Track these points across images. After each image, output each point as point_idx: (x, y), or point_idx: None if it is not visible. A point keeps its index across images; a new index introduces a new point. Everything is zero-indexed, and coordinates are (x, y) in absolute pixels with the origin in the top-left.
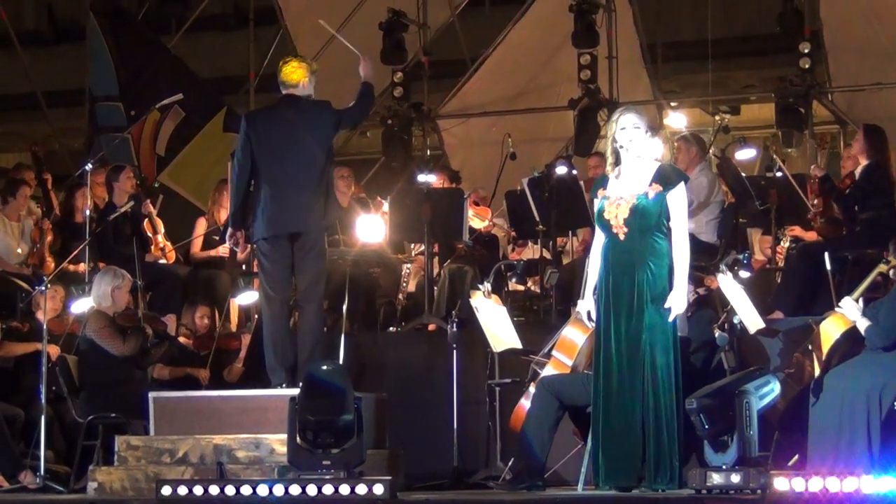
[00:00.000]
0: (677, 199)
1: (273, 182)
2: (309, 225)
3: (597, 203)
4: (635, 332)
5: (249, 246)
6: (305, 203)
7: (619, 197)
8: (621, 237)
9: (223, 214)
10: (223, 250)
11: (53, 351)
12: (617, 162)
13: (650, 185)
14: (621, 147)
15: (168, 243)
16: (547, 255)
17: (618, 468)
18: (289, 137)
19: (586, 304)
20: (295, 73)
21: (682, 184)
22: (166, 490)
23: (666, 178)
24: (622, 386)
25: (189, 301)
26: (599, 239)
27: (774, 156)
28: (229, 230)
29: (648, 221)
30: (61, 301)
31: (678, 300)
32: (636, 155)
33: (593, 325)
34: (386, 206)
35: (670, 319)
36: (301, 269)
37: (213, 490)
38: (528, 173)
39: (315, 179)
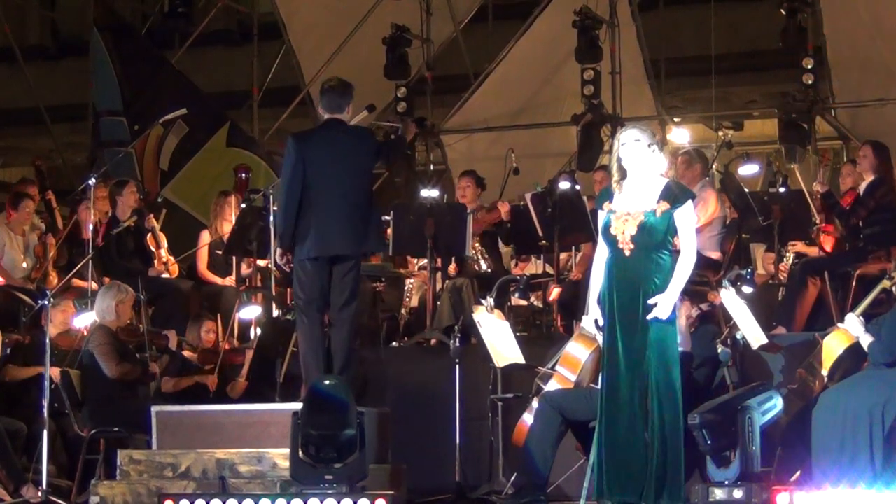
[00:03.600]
0: (685, 216)
1: (320, 203)
2: (350, 248)
3: (602, 216)
4: (639, 349)
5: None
6: (350, 226)
7: (626, 213)
8: (626, 253)
9: (226, 227)
10: (230, 281)
11: (53, 373)
12: (623, 177)
13: (658, 202)
14: (622, 162)
15: (171, 258)
16: (550, 270)
17: (620, 483)
18: (337, 160)
19: (591, 318)
20: (339, 95)
21: (690, 202)
22: None
23: (674, 195)
24: (626, 401)
25: (195, 316)
26: (602, 252)
27: (776, 172)
28: (279, 251)
29: (655, 239)
30: (70, 316)
31: (664, 303)
32: (638, 169)
33: (600, 334)
34: None
35: (649, 318)
36: (338, 289)
37: None
38: (531, 188)
39: (360, 202)
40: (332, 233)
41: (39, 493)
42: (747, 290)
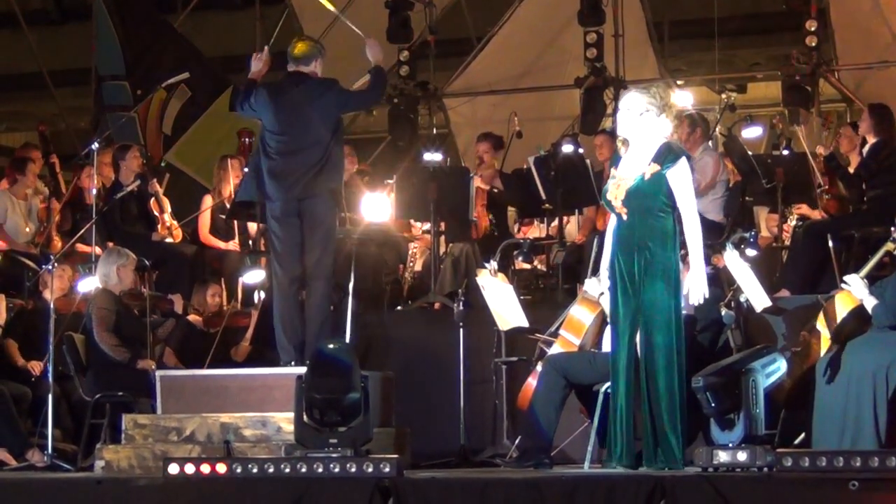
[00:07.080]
0: (678, 175)
1: (275, 156)
2: (306, 192)
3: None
4: (634, 313)
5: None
6: (307, 173)
7: (621, 178)
8: (624, 217)
9: (228, 190)
10: (233, 245)
11: (36, 367)
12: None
13: (649, 164)
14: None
15: (175, 222)
16: (553, 233)
17: (623, 447)
18: (293, 113)
19: (593, 281)
20: (305, 50)
21: (683, 159)
22: (173, 468)
23: (664, 156)
24: (627, 365)
25: (200, 280)
26: (615, 217)
27: (779, 135)
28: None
29: (647, 202)
30: (69, 280)
31: (696, 282)
32: (634, 136)
33: (603, 297)
34: None
35: (688, 302)
36: (309, 246)
37: (221, 468)
38: (535, 152)
39: (318, 156)
40: (289, 178)
41: (45, 458)
42: (751, 252)
